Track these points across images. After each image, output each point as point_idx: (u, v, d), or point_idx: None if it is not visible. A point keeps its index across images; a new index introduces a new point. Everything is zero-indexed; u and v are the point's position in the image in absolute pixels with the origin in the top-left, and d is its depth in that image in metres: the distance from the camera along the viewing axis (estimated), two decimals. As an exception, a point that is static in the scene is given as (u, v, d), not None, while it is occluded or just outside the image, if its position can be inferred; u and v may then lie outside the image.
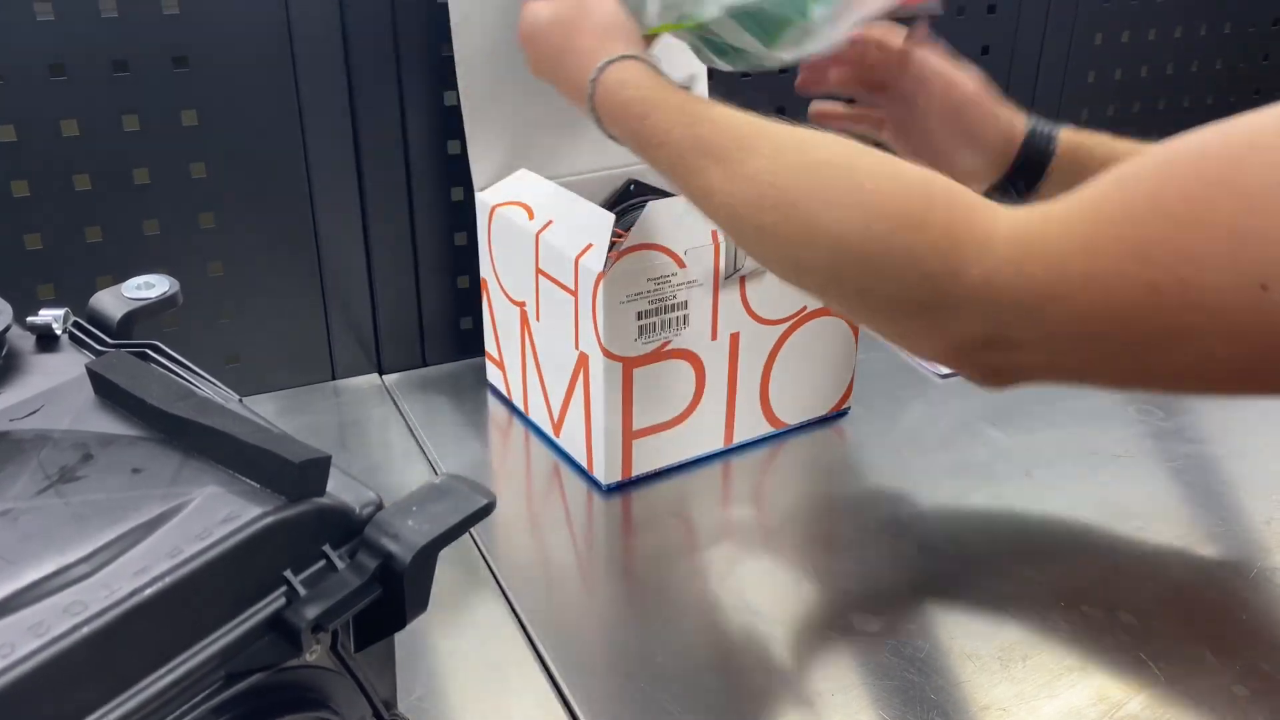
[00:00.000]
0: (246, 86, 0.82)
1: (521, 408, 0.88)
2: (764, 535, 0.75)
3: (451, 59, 0.84)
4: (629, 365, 0.75)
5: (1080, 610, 0.67)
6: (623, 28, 0.66)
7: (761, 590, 0.69)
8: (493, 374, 0.92)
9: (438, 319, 0.97)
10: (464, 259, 0.95)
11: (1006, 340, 0.48)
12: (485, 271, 0.88)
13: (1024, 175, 0.72)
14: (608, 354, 0.74)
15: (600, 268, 0.72)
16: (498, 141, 0.87)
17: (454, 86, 0.86)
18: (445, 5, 0.83)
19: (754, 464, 0.84)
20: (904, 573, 0.71)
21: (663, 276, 0.74)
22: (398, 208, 0.92)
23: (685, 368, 0.78)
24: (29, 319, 0.51)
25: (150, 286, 0.54)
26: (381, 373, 0.97)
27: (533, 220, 0.80)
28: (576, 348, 0.76)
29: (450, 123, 0.90)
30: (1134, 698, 0.61)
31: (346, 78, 0.85)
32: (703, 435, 0.82)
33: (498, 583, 0.70)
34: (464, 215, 0.93)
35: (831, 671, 0.63)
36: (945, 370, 0.97)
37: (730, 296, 0.78)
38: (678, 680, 0.62)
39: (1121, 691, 0.61)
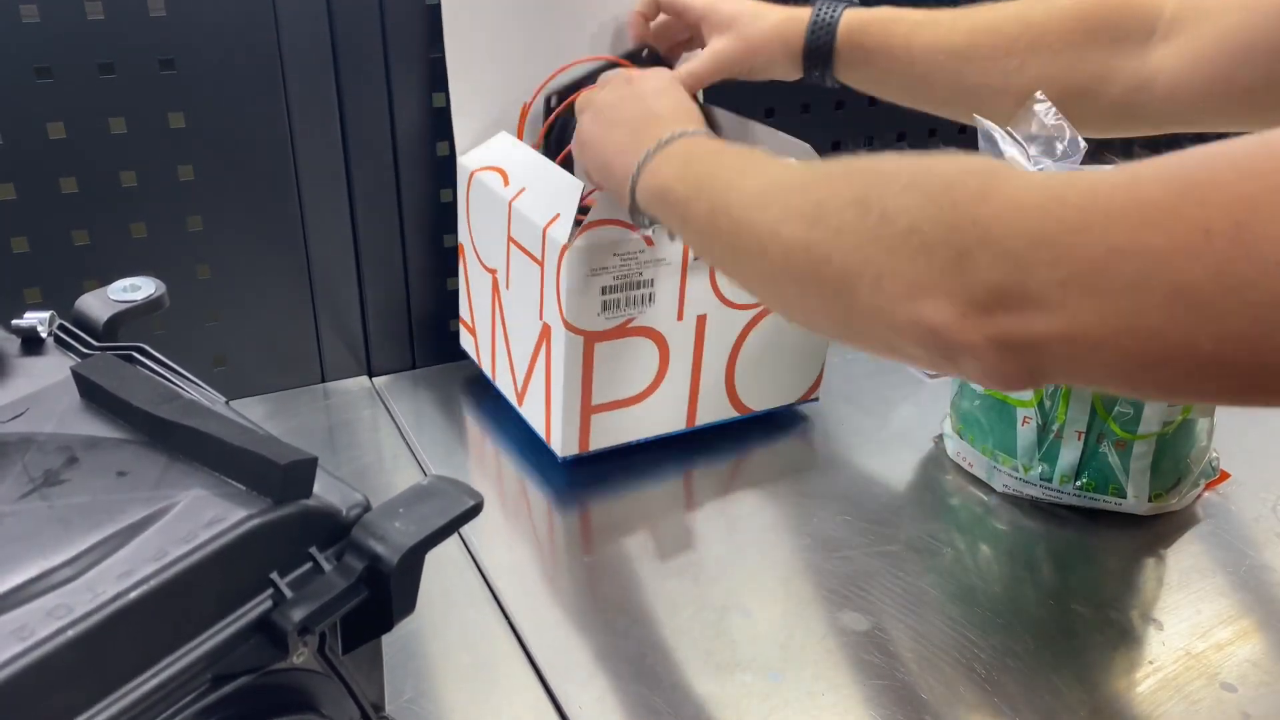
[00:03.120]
0: (234, 89, 0.82)
1: (490, 375, 0.89)
2: (751, 534, 0.75)
3: (441, 60, 0.84)
4: (590, 339, 0.75)
5: (1070, 608, 0.68)
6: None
7: (750, 590, 0.69)
8: (465, 340, 0.93)
9: (427, 321, 0.97)
10: (453, 261, 0.95)
11: (1023, 291, 0.42)
12: (462, 236, 0.88)
13: (816, 61, 0.78)
14: (569, 327, 0.74)
15: (565, 239, 0.72)
16: (482, 101, 0.86)
17: (443, 88, 0.86)
18: (434, 6, 0.83)
19: (723, 460, 0.84)
20: (892, 572, 0.71)
21: (630, 253, 0.74)
22: (387, 209, 0.91)
23: (649, 346, 0.78)
24: (14, 322, 0.51)
25: (136, 289, 0.54)
26: (371, 375, 0.96)
27: (508, 186, 0.80)
28: (540, 318, 0.77)
29: (439, 124, 0.90)
30: (1125, 695, 0.61)
31: (335, 79, 0.85)
32: (664, 415, 0.82)
33: (487, 584, 0.70)
34: (453, 217, 0.93)
35: (822, 671, 0.63)
36: (934, 371, 0.97)
37: (699, 278, 0.77)
38: (667, 680, 0.62)
39: (1113, 688, 0.61)
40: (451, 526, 0.42)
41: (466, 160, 0.86)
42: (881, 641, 0.65)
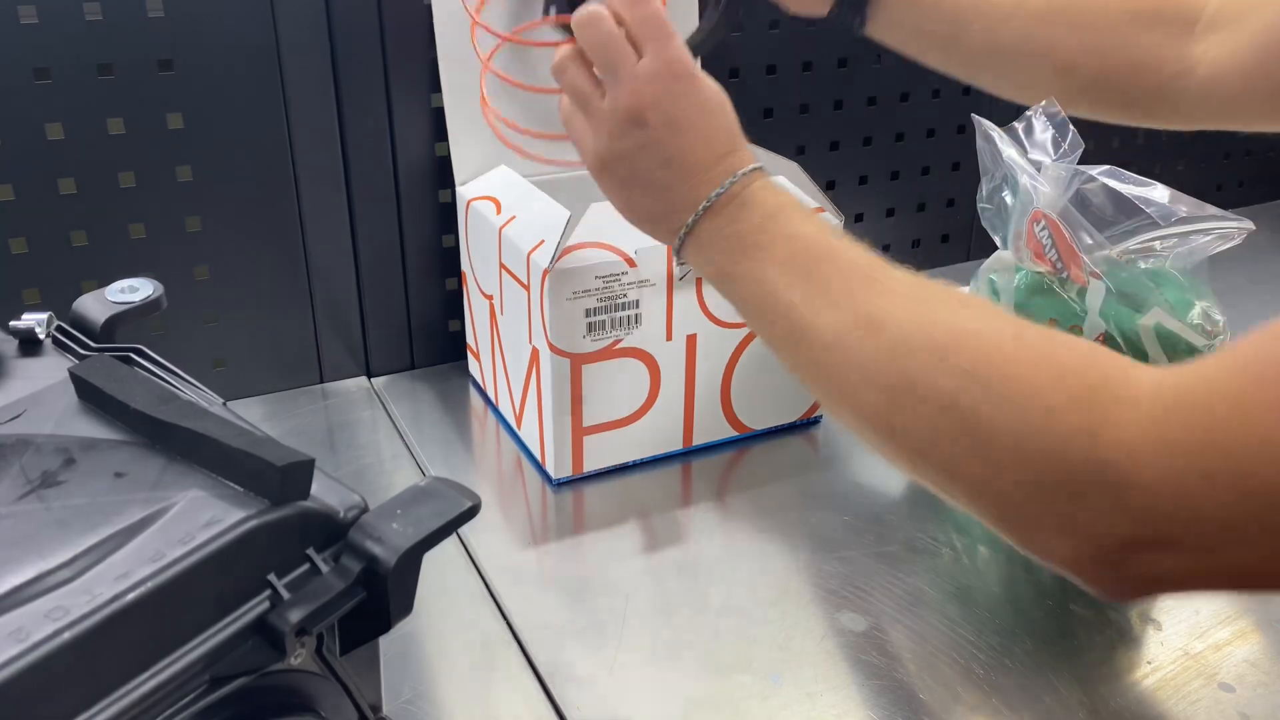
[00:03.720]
0: (232, 89, 0.82)
1: (493, 399, 0.90)
2: (749, 535, 0.75)
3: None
4: (577, 362, 0.75)
5: (1068, 608, 0.68)
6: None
7: (747, 591, 0.69)
8: (473, 366, 0.94)
9: (426, 321, 0.97)
10: (452, 261, 0.95)
11: (1151, 538, 0.39)
12: (465, 265, 0.89)
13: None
14: (555, 350, 0.74)
15: (546, 263, 0.72)
16: (479, 136, 0.87)
17: (441, 88, 0.86)
18: (431, 6, 0.83)
19: (720, 464, 0.83)
20: (891, 573, 0.71)
21: (612, 275, 0.74)
22: (385, 210, 0.91)
23: (638, 367, 0.78)
24: (11, 323, 0.51)
25: (134, 290, 0.54)
26: (369, 375, 0.96)
27: (499, 215, 0.81)
28: (530, 342, 0.77)
29: (438, 125, 0.90)
30: (1124, 695, 0.61)
31: (333, 79, 0.85)
32: (659, 435, 0.82)
33: (486, 585, 0.70)
34: (452, 217, 0.93)
35: (821, 671, 0.63)
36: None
37: (686, 298, 0.77)
38: (666, 681, 0.62)
39: (1111, 689, 0.61)
40: (449, 528, 0.42)
41: (465, 190, 0.87)
42: (880, 642, 0.65)
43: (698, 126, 0.56)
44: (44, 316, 0.51)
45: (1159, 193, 0.72)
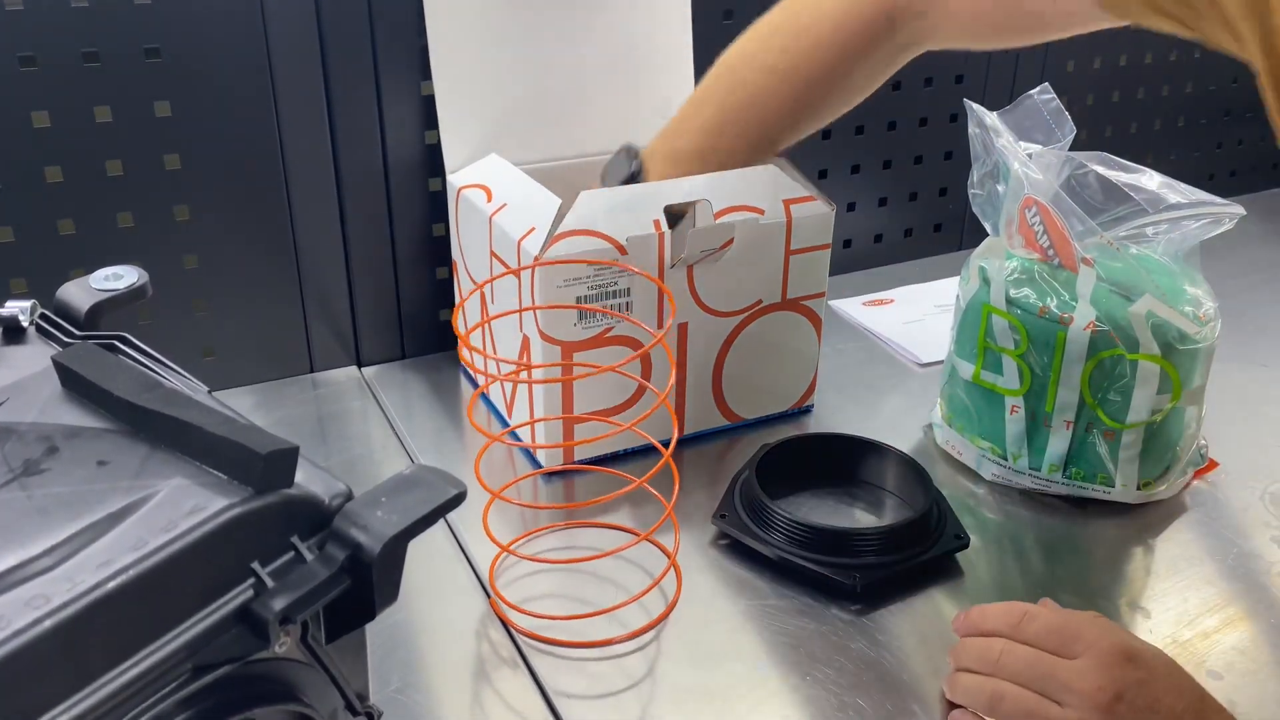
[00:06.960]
0: (220, 77, 0.82)
1: (484, 389, 0.89)
2: (743, 525, 0.75)
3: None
4: (568, 349, 0.75)
5: (1058, 597, 0.68)
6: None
7: (736, 579, 0.69)
8: (464, 354, 0.93)
9: (416, 310, 0.97)
10: (442, 250, 0.95)
11: None
12: (455, 253, 0.89)
13: None
14: (546, 337, 0.74)
15: (538, 250, 0.72)
16: (470, 124, 0.87)
17: (431, 76, 0.85)
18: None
19: (712, 453, 0.83)
20: (883, 561, 0.71)
21: (603, 263, 0.74)
22: (375, 198, 0.91)
23: (629, 355, 0.78)
24: (-6, 311, 0.51)
25: (118, 278, 0.53)
26: (360, 365, 0.96)
27: (490, 202, 0.80)
28: (520, 330, 0.77)
29: (428, 112, 0.89)
30: (1110, 683, 0.61)
31: (322, 67, 0.85)
32: (650, 424, 0.81)
33: (475, 575, 0.70)
34: (442, 206, 0.93)
35: (808, 655, 0.63)
36: (924, 359, 0.97)
37: (677, 286, 0.77)
38: (655, 669, 0.62)
39: (1098, 677, 0.61)
40: (434, 515, 0.42)
41: (455, 179, 0.86)
42: (869, 630, 0.65)
43: (1175, 708, 0.53)
44: (27, 304, 0.51)
45: (1150, 179, 0.72)
